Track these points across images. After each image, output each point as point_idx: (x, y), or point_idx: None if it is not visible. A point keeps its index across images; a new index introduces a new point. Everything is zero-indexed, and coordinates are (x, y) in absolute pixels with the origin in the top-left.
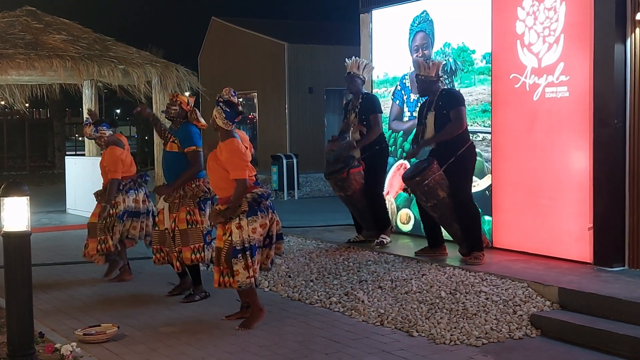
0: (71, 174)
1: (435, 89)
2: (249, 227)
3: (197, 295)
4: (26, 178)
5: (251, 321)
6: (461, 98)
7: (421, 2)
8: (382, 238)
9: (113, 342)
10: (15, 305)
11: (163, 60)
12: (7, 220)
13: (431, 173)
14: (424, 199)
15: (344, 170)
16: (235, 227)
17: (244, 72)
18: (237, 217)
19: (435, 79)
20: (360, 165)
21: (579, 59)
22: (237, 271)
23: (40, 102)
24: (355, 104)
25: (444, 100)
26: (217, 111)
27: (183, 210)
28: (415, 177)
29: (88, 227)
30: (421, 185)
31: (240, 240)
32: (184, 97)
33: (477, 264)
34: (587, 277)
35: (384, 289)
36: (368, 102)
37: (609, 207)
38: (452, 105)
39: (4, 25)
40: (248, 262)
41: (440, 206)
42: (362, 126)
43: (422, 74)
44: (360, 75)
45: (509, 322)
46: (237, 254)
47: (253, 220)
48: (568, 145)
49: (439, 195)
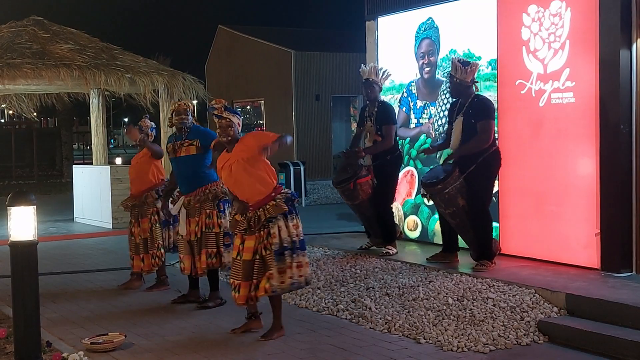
0: (79, 183)
1: (468, 94)
2: (290, 225)
3: (211, 302)
4: (34, 187)
5: (273, 332)
6: (492, 110)
7: (427, 9)
8: (388, 249)
9: (120, 350)
10: (22, 314)
11: (170, 68)
12: (14, 229)
13: (453, 181)
14: (444, 206)
15: (350, 181)
16: (277, 230)
17: (251, 80)
18: (275, 219)
19: (471, 84)
20: (368, 174)
21: (584, 65)
22: (273, 275)
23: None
24: (371, 111)
25: (474, 108)
26: (231, 116)
27: (204, 214)
28: (437, 184)
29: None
30: (442, 193)
31: (280, 242)
32: (191, 103)
33: (484, 271)
34: (594, 283)
35: (391, 296)
36: (384, 112)
37: (616, 213)
38: (481, 116)
39: (12, 35)
40: (293, 262)
41: (459, 214)
42: (378, 135)
43: (458, 77)
44: (378, 82)
45: (517, 328)
46: (280, 256)
47: (292, 218)
48: (574, 151)
49: (458, 203)
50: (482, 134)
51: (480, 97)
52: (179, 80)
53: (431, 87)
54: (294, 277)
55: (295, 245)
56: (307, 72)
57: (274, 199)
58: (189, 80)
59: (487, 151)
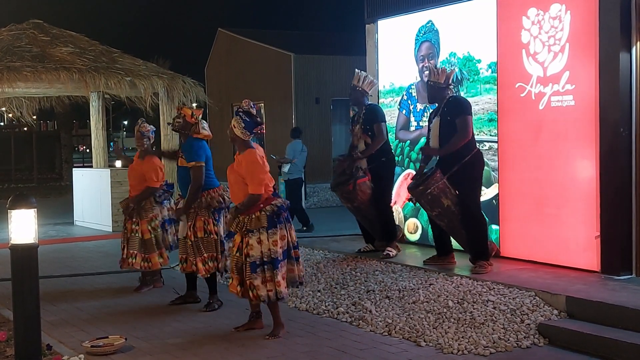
0: (78, 186)
1: (443, 96)
2: (269, 241)
3: (215, 304)
4: (34, 190)
5: (277, 330)
6: (468, 106)
7: (426, 12)
8: (388, 251)
9: (120, 353)
10: (22, 317)
11: (170, 71)
12: (15, 232)
13: (434, 182)
14: (429, 207)
15: (349, 182)
16: (256, 242)
17: (251, 83)
18: (257, 231)
19: (444, 86)
20: (366, 175)
21: (584, 68)
22: (258, 286)
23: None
24: (359, 115)
25: (450, 107)
26: (237, 121)
27: (199, 220)
28: (418, 186)
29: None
30: (424, 194)
31: (259, 255)
32: (189, 109)
33: (483, 273)
34: (594, 285)
35: (391, 298)
36: (370, 112)
37: (615, 216)
38: (457, 113)
39: (11, 38)
40: (267, 276)
41: (446, 214)
42: (366, 136)
43: (432, 79)
44: (359, 87)
45: (517, 331)
46: (256, 268)
47: (273, 233)
48: (574, 154)
49: (442, 203)
50: (461, 131)
51: (454, 96)
52: (179, 83)
53: None
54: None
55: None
56: (307, 75)
57: (261, 210)
58: (189, 83)
59: (469, 153)
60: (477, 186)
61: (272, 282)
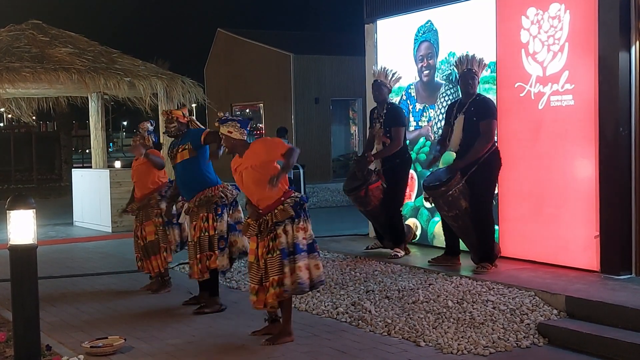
0: (78, 187)
1: (473, 92)
2: (294, 231)
3: (207, 309)
4: (33, 191)
5: (278, 338)
6: (494, 109)
7: (426, 12)
8: (396, 252)
9: (120, 354)
10: (22, 318)
11: (169, 72)
12: (14, 233)
13: (455, 183)
14: (446, 209)
15: (362, 188)
16: (282, 232)
17: (250, 83)
18: (282, 224)
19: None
20: (378, 179)
21: (583, 67)
22: (285, 274)
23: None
24: (380, 113)
25: (476, 107)
26: (231, 125)
27: (200, 218)
28: (440, 187)
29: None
30: (445, 196)
31: (286, 244)
32: (178, 111)
33: (484, 274)
34: (594, 285)
35: (391, 299)
36: (392, 113)
37: (615, 215)
38: (484, 115)
39: (10, 38)
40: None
41: (462, 216)
42: (386, 138)
43: (476, 69)
44: (387, 84)
45: (517, 331)
46: (287, 257)
47: (298, 222)
48: (574, 154)
49: (461, 205)
50: (485, 135)
51: (482, 96)
52: (178, 83)
53: (430, 90)
54: (302, 279)
55: (301, 248)
56: (306, 76)
57: (283, 203)
58: (188, 83)
59: (487, 151)
60: (492, 186)
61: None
